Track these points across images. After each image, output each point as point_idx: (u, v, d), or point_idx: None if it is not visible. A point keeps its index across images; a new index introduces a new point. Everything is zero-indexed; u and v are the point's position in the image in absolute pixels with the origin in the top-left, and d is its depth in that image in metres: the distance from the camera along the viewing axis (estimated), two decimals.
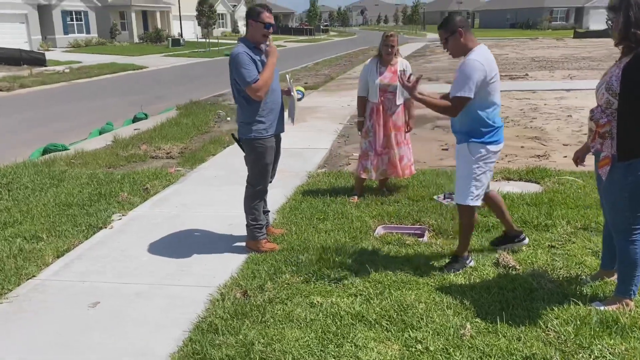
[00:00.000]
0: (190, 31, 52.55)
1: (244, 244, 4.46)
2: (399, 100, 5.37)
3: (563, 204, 5.06)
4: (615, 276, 3.36)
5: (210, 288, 3.75)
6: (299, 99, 4.49)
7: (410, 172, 5.69)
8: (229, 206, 5.46)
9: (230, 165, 7.13)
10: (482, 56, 3.52)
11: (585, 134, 4.00)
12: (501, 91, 3.79)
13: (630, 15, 2.85)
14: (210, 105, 12.76)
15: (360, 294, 3.55)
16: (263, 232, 4.35)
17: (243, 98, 4.02)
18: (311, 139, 8.53)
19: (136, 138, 9.06)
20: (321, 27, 73.73)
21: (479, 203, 3.75)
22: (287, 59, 28.16)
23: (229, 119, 10.92)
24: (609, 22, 3.08)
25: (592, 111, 3.10)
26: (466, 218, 3.80)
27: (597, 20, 62.92)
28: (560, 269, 3.77)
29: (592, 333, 2.91)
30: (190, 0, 49.13)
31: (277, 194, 5.54)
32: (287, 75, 5.03)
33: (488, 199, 4.03)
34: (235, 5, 68.72)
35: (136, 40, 44.66)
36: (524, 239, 4.16)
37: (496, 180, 6.11)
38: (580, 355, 2.78)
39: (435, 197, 5.47)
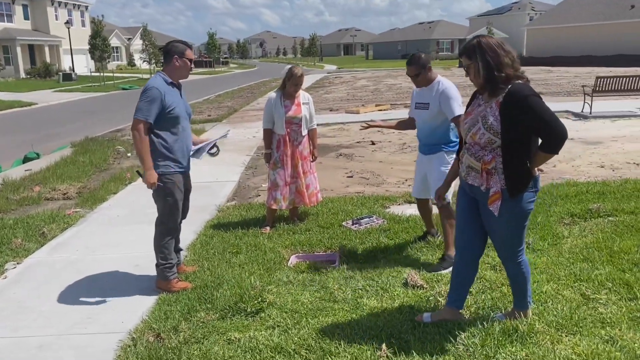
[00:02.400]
0: (83, 65, 50.34)
1: (153, 284, 4.31)
2: (304, 131, 5.53)
3: None
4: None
5: (121, 334, 3.58)
6: (214, 154, 4.51)
7: (317, 200, 5.82)
8: (134, 246, 5.26)
9: (133, 203, 6.88)
10: (450, 82, 4.44)
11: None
12: (396, 119, 4.09)
13: (489, 59, 2.95)
14: (108, 142, 12.24)
15: (278, 326, 3.55)
16: (174, 271, 4.24)
17: (151, 132, 3.95)
18: (219, 172, 8.46)
19: (28, 179, 8.47)
20: (221, 59, 73.56)
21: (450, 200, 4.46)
22: (189, 91, 27.69)
23: (129, 154, 10.54)
24: (465, 68, 3.35)
25: (468, 149, 3.15)
26: (446, 217, 4.43)
27: None
28: None
29: (496, 342, 3.12)
30: (82, 34, 47.25)
31: (186, 230, 5.39)
32: (227, 133, 5.13)
33: (424, 203, 4.84)
34: (130, 39, 66.90)
35: (22, 75, 42.05)
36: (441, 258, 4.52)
37: (398, 204, 6.41)
38: None
39: (344, 223, 5.63)
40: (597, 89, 13.19)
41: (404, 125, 5.01)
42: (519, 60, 3.04)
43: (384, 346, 3.17)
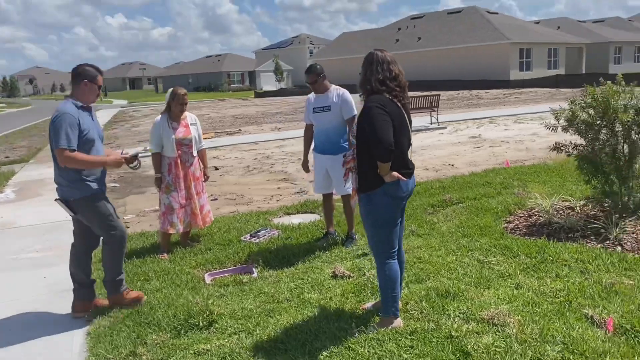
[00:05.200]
0: None
1: (66, 322, 4.04)
2: (195, 152, 5.59)
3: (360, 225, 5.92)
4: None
5: None
6: (135, 166, 4.36)
7: (210, 220, 5.89)
8: (15, 293, 4.72)
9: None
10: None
11: None
12: (227, 146, 4.54)
13: (367, 72, 3.40)
14: None
15: (241, 331, 3.65)
16: (124, 284, 4.24)
17: None
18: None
19: None
20: None
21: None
22: None
23: None
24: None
25: (345, 155, 3.57)
26: (353, 202, 4.76)
27: (267, 82, 72.10)
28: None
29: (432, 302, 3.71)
30: None
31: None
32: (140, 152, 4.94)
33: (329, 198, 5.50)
34: None
35: None
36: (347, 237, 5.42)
37: (279, 217, 6.78)
38: None
39: (242, 238, 5.79)
40: None
41: (309, 136, 5.51)
42: (398, 80, 3.38)
43: (353, 325, 3.53)
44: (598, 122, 4.98)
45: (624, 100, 4.84)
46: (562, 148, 5.22)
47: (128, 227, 6.88)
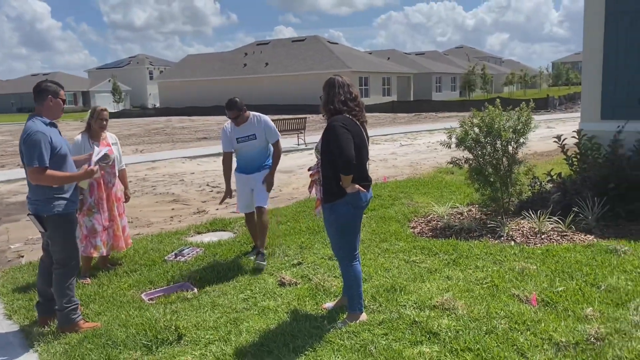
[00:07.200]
0: None
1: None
2: (117, 173, 5.47)
3: (283, 238, 6.21)
4: None
5: None
6: (108, 163, 4.29)
7: (130, 242, 5.75)
8: None
9: None
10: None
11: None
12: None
13: (330, 94, 3.78)
14: None
15: (217, 340, 3.76)
16: (79, 312, 4.05)
17: None
18: None
19: None
20: None
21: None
22: None
23: None
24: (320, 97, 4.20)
25: (310, 168, 3.93)
26: (266, 217, 5.38)
27: (104, 103, 68.10)
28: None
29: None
30: None
31: None
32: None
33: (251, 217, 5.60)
34: None
35: None
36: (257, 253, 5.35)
37: (191, 236, 6.79)
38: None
39: (166, 257, 5.74)
40: None
41: (229, 163, 5.56)
42: (357, 101, 3.83)
43: (334, 320, 3.86)
44: (483, 140, 5.96)
45: (503, 122, 5.87)
46: (457, 162, 6.10)
47: (22, 257, 6.36)
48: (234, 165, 5.60)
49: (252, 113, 5.43)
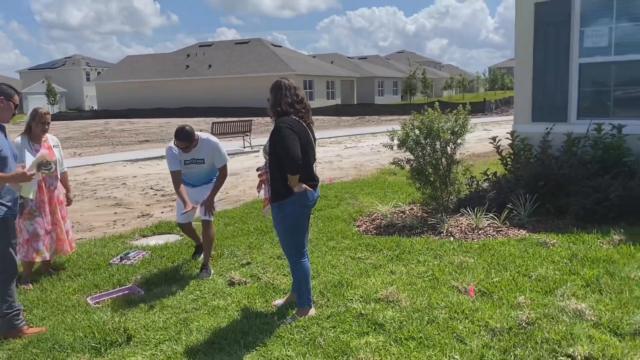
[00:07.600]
0: None
1: None
2: (59, 175, 5.36)
3: (231, 239, 6.24)
4: None
5: None
6: (50, 169, 4.16)
7: (75, 246, 5.65)
8: None
9: None
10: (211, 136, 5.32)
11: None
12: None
13: (277, 96, 3.87)
14: None
15: (168, 340, 3.79)
16: (22, 318, 3.94)
17: None
18: None
19: None
20: None
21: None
22: None
23: None
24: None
25: (259, 168, 4.08)
26: (212, 231, 5.21)
27: (37, 105, 65.10)
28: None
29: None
30: None
31: None
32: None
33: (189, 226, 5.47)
34: None
35: None
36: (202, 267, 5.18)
37: (136, 239, 6.72)
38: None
39: (111, 261, 5.67)
40: (213, 132, 15.70)
41: (179, 180, 5.16)
42: (304, 103, 3.97)
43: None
44: (423, 141, 6.23)
45: (441, 124, 6.16)
46: (399, 163, 6.35)
47: None
48: None
49: (201, 137, 5.09)
